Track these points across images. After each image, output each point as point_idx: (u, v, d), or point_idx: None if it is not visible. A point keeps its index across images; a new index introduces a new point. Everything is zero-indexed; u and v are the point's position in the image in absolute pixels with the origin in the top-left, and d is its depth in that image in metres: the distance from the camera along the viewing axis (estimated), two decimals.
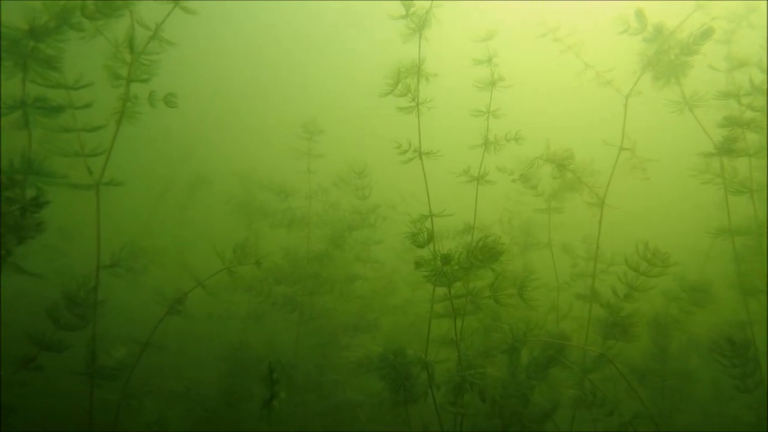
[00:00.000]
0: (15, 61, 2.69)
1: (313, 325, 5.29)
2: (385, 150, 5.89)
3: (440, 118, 3.59)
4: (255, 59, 7.90)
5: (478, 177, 3.55)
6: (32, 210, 2.10)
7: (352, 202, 5.32)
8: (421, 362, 3.31)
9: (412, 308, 5.95)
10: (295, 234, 5.26)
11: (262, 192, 5.47)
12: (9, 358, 2.84)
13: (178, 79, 3.60)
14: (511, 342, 3.18)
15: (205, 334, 5.58)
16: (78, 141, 2.90)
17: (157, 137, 4.68)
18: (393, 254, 6.20)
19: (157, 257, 5.03)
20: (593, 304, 4.52)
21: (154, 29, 3.17)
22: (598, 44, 3.73)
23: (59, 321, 2.85)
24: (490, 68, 3.45)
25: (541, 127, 3.63)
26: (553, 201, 4.72)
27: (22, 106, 2.38)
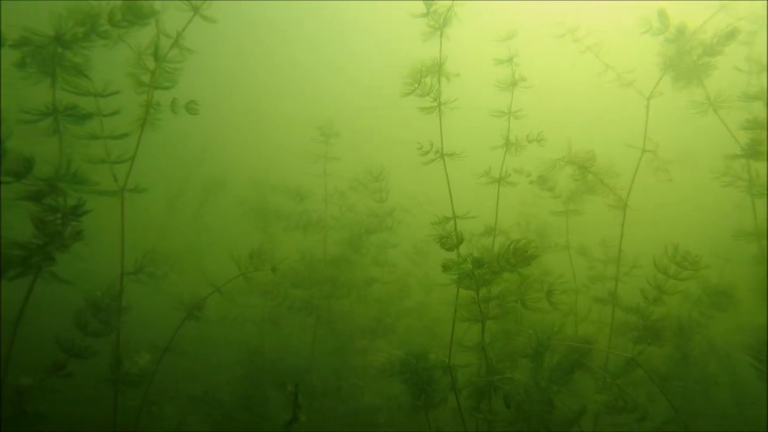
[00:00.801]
0: (39, 68, 2.70)
1: (330, 328, 5.29)
2: (400, 152, 5.89)
3: (459, 119, 3.58)
4: (270, 62, 7.90)
5: (499, 179, 3.53)
6: (73, 218, 2.11)
7: (368, 205, 5.31)
8: (443, 366, 3.30)
9: (428, 312, 5.94)
10: (311, 237, 5.26)
11: (277, 195, 5.47)
12: (37, 364, 2.85)
13: (194, 85, 3.61)
14: (535, 346, 3.16)
15: (221, 337, 5.58)
16: (104, 148, 2.91)
17: (172, 143, 4.69)
18: (406, 257, 6.20)
19: (174, 262, 5.05)
20: (611, 306, 4.50)
21: (175, 37, 3.18)
22: (618, 45, 3.71)
23: (86, 328, 2.86)
24: (511, 68, 3.42)
25: (561, 128, 3.60)
26: (571, 203, 4.69)
27: (53, 113, 2.38)
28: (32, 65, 2.70)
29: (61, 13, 2.69)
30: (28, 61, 2.71)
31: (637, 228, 3.88)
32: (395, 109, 4.62)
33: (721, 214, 4.27)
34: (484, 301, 2.91)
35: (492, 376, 3.04)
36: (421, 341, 5.95)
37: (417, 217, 5.74)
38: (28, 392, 2.40)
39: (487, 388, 3.47)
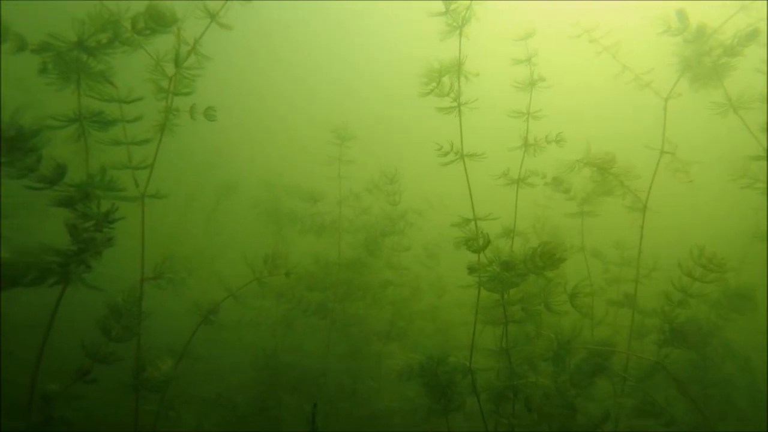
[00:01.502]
0: (61, 73, 2.71)
1: (345, 332, 5.28)
2: (414, 154, 5.88)
3: (475, 119, 3.56)
4: (284, 66, 7.91)
5: (517, 180, 3.52)
6: (105, 225, 2.11)
7: (383, 208, 5.31)
8: (463, 370, 3.28)
9: (441, 315, 5.94)
10: (325, 240, 5.26)
11: (291, 198, 5.48)
12: (60, 370, 2.86)
13: (208, 90, 3.62)
14: (556, 349, 3.14)
15: (235, 340, 5.59)
16: (126, 154, 2.92)
17: (187, 147, 4.70)
18: (419, 260, 6.19)
19: (188, 266, 5.06)
20: (627, 309, 4.47)
21: (192, 44, 3.19)
22: (635, 45, 3.69)
23: (110, 333, 2.86)
24: (529, 68, 3.41)
25: (577, 129, 3.57)
26: (586, 205, 4.68)
27: (78, 119, 2.39)
28: (54, 71, 2.71)
29: (82, 19, 2.71)
30: (50, 67, 2.73)
31: (655, 230, 3.85)
32: (410, 110, 4.62)
33: (739, 216, 4.24)
34: (509, 304, 2.89)
35: (514, 380, 3.02)
36: (435, 344, 5.95)
37: (429, 219, 5.74)
38: (56, 398, 2.40)
39: (506, 392, 3.46)
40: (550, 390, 3.00)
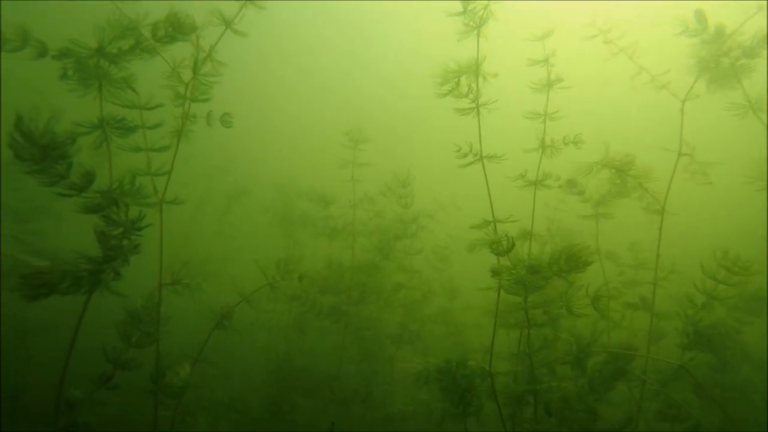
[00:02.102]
0: (80, 79, 2.72)
1: (358, 335, 5.28)
2: (427, 156, 5.86)
3: (492, 120, 3.54)
4: (298, 69, 7.90)
5: (535, 182, 3.51)
6: (134, 232, 2.11)
7: (395, 211, 5.31)
8: (483, 374, 3.27)
9: (452, 318, 5.92)
10: (339, 243, 5.26)
11: (303, 201, 5.48)
12: (81, 376, 2.86)
13: (221, 95, 3.63)
14: (576, 353, 3.12)
15: (248, 343, 5.59)
16: (146, 160, 2.93)
17: (200, 152, 4.71)
18: (430, 263, 6.18)
19: (203, 271, 5.08)
20: (642, 311, 4.44)
21: (208, 51, 3.20)
22: (651, 46, 3.67)
23: (130, 339, 2.86)
24: (546, 69, 3.39)
25: (593, 130, 3.55)
26: (601, 207, 4.66)
27: (101, 125, 2.40)
28: (74, 77, 2.72)
29: (102, 25, 2.71)
30: (70, 73, 2.74)
31: (672, 232, 3.83)
32: (423, 112, 4.60)
33: (756, 218, 4.20)
34: (533, 307, 2.87)
35: (534, 384, 3.00)
36: (447, 347, 5.93)
37: (441, 222, 5.73)
38: (80, 405, 2.40)
39: (525, 396, 3.44)
40: (571, 394, 2.98)
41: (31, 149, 1.71)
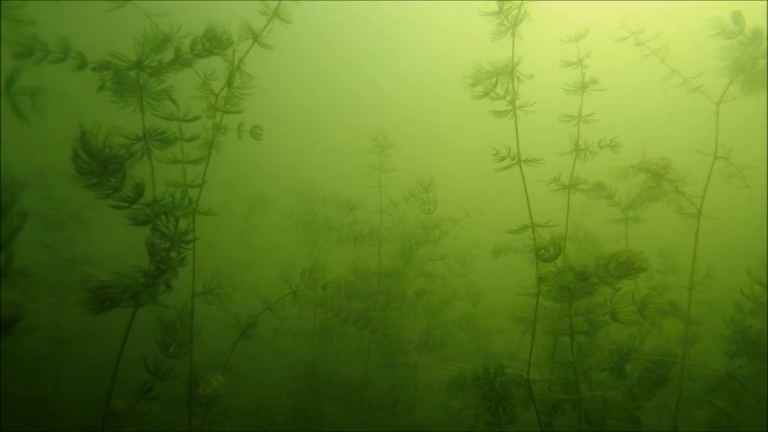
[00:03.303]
0: (118, 91, 2.73)
1: (385, 341, 5.25)
2: (454, 161, 5.83)
3: (523, 123, 3.50)
4: (324, 78, 7.90)
5: (569, 186, 3.47)
6: (182, 244, 2.11)
7: (418, 216, 5.29)
8: (521, 381, 3.23)
9: (478, 323, 5.89)
10: (365, 249, 5.25)
11: (327, 208, 5.48)
12: (120, 386, 2.86)
13: (246, 104, 3.63)
14: (617, 360, 3.07)
15: (274, 350, 5.59)
16: (182, 171, 2.93)
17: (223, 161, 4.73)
18: (453, 268, 6.15)
19: (232, 280, 5.08)
20: (671, 317, 4.37)
21: (236, 63, 3.21)
22: (683, 48, 3.62)
23: (168, 350, 2.85)
24: (580, 70, 3.35)
25: (625, 134, 3.51)
26: (630, 211, 4.61)
27: (144, 138, 2.40)
28: (112, 89, 2.73)
29: (140, 39, 2.72)
30: (108, 85, 2.75)
31: (706, 236, 3.77)
32: (449, 117, 4.57)
33: None
34: (576, 315, 2.83)
35: (579, 393, 2.95)
36: (471, 352, 5.90)
37: (465, 227, 5.69)
38: (123, 416, 2.40)
39: (560, 404, 3.40)
40: (612, 402, 2.93)
41: (91, 164, 1.71)
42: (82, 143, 1.67)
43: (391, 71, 8.53)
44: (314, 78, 8.09)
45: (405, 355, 5.34)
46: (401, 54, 8.51)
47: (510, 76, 3.10)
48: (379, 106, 7.84)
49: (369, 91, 8.31)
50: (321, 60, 8.18)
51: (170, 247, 2.06)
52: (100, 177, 1.77)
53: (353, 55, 8.39)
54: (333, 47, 8.16)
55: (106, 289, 1.77)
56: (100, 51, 2.82)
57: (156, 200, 2.07)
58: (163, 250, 2.04)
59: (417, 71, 8.15)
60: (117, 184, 1.86)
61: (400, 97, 8.08)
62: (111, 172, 1.79)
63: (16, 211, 1.83)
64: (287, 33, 3.54)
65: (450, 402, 4.77)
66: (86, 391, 4.53)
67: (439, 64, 6.50)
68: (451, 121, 5.86)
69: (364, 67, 8.53)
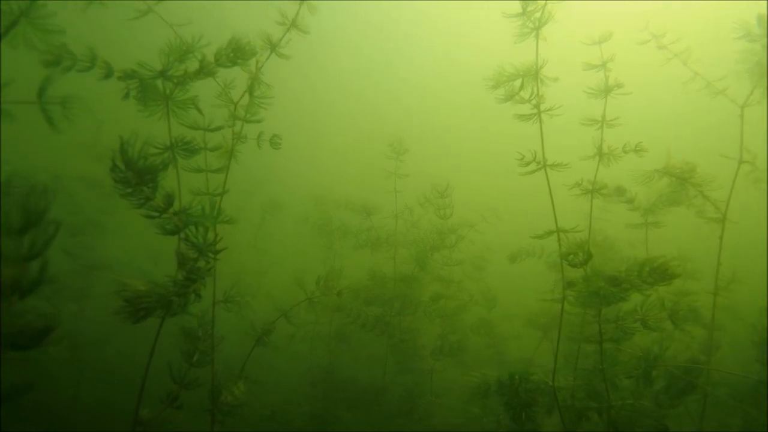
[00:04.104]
0: (142, 100, 2.73)
1: (401, 347, 5.23)
2: (470, 166, 5.79)
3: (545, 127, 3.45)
4: (340, 84, 7.90)
5: (591, 190, 3.44)
6: (210, 254, 2.11)
7: (433, 222, 5.26)
8: (546, 388, 3.19)
9: (494, 329, 5.85)
10: (381, 254, 5.23)
11: (343, 213, 5.47)
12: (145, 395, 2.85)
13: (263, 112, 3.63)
14: (644, 367, 3.03)
15: (290, 355, 5.57)
16: (205, 181, 2.93)
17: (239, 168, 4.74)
18: (469, 273, 6.11)
19: (251, 288, 5.08)
20: (693, 323, 4.31)
21: (254, 72, 3.21)
22: (706, 51, 3.58)
23: (191, 358, 2.85)
24: (603, 74, 3.31)
25: (647, 138, 3.47)
26: (649, 216, 4.56)
27: (171, 147, 2.40)
28: (136, 97, 2.74)
29: (165, 49, 2.73)
30: (133, 94, 2.75)
31: (730, 241, 3.71)
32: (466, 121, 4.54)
33: None
34: (607, 321, 2.79)
35: (608, 401, 2.91)
36: (488, 358, 5.85)
37: (482, 232, 5.66)
38: (150, 424, 2.39)
39: (585, 412, 3.36)
40: (641, 410, 2.89)
41: (127, 173, 1.70)
42: (121, 154, 1.66)
43: (406, 75, 8.52)
44: (328, 83, 8.09)
45: (421, 360, 5.31)
46: (416, 58, 8.49)
47: (534, 78, 3.07)
48: (393, 111, 7.82)
49: (383, 96, 8.30)
50: (334, 65, 8.18)
51: (199, 256, 2.05)
52: (134, 187, 1.76)
53: (368, 61, 8.39)
54: (346, 53, 8.17)
55: (142, 299, 1.76)
56: (121, 60, 2.83)
57: (184, 210, 2.06)
58: (192, 259, 2.04)
59: (433, 75, 8.13)
60: (150, 193, 1.85)
61: (415, 101, 8.06)
62: (145, 182, 1.78)
63: (49, 219, 1.83)
64: (301, 40, 3.54)
65: (468, 408, 4.74)
66: (105, 398, 4.54)
67: (455, 68, 6.48)
68: (466, 125, 5.84)
69: (378, 73, 8.52)
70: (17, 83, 2.11)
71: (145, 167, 1.75)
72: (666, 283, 2.50)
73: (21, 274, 1.77)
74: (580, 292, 2.70)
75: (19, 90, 2.21)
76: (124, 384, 4.28)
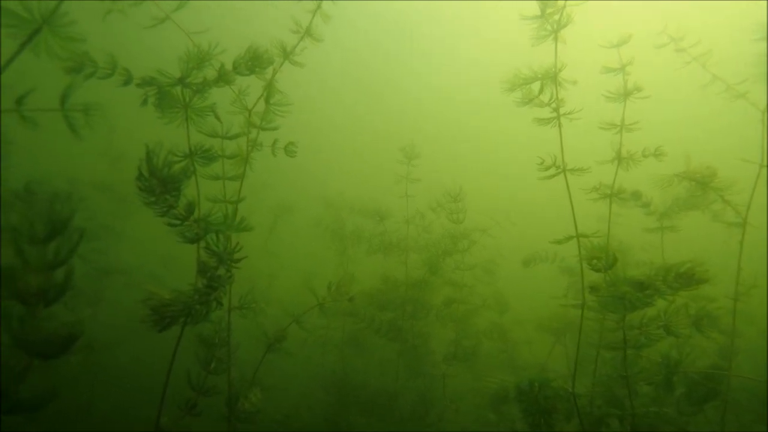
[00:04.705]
0: (161, 107, 2.72)
1: (414, 352, 5.20)
2: (484, 171, 5.76)
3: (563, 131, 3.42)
4: (354, 88, 7.87)
5: (611, 194, 3.40)
6: (231, 262, 2.09)
7: (445, 226, 5.23)
8: (566, 395, 3.15)
9: (508, 334, 5.81)
10: (393, 259, 5.21)
11: (355, 217, 5.45)
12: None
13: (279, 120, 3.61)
14: (665, 373, 2.99)
15: (302, 360, 5.55)
16: (222, 188, 2.92)
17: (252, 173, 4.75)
18: (476, 279, 6.08)
19: (265, 294, 5.06)
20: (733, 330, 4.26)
21: (269, 79, 3.20)
22: (726, 54, 3.54)
23: (209, 366, 2.83)
24: (622, 77, 3.28)
25: (666, 142, 3.43)
26: (665, 220, 4.52)
27: (190, 155, 2.39)
28: (154, 104, 2.74)
29: (183, 56, 2.72)
30: (151, 101, 2.75)
31: (750, 246, 3.66)
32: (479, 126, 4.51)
33: None
34: (631, 328, 2.75)
35: (632, 408, 2.87)
36: (500, 363, 5.81)
37: (495, 236, 5.63)
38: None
39: (604, 418, 3.32)
40: (666, 417, 2.85)
41: (152, 182, 1.69)
42: (147, 163, 1.65)
43: (418, 80, 8.49)
44: (340, 87, 8.07)
45: (434, 366, 5.28)
46: (428, 62, 8.47)
47: (552, 81, 3.04)
48: (405, 115, 7.79)
49: (395, 101, 8.27)
50: (346, 70, 8.17)
51: (219, 264, 2.03)
52: (158, 195, 1.75)
53: (380, 65, 8.36)
54: (359, 56, 8.15)
55: (167, 307, 1.75)
56: (136, 67, 2.83)
57: (204, 217, 2.05)
58: (213, 267, 2.02)
59: (444, 80, 8.10)
60: (173, 202, 1.84)
61: (427, 106, 8.03)
62: (169, 191, 1.77)
63: (74, 226, 1.82)
64: (313, 45, 3.52)
65: (483, 413, 4.70)
66: (119, 403, 4.53)
67: (467, 72, 6.45)
68: (478, 130, 5.80)
69: (390, 78, 8.49)
70: (38, 91, 2.11)
71: (170, 176, 1.74)
72: (693, 288, 2.46)
73: (47, 283, 1.76)
74: (603, 297, 2.66)
75: (37, 97, 2.21)
76: (138, 389, 4.28)
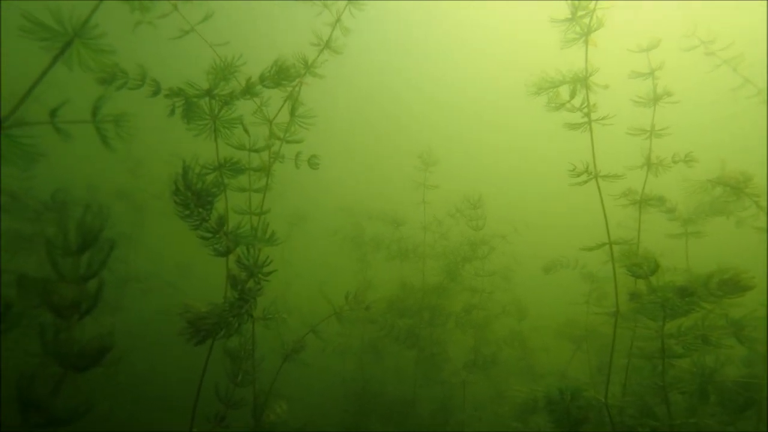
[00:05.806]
0: (188, 117, 2.71)
1: (432, 360, 5.14)
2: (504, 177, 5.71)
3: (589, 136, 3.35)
4: (369, 96, 7.85)
5: (640, 201, 3.34)
6: (261, 275, 2.06)
7: (464, 233, 5.19)
8: (599, 405, 3.08)
9: (527, 341, 5.75)
10: (410, 266, 5.17)
11: (374, 224, 5.42)
12: None
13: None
14: (699, 382, 2.92)
15: (321, 368, 5.51)
16: (247, 200, 2.89)
17: None
18: (493, 284, 6.01)
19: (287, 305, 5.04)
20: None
21: (292, 92, 3.18)
22: (756, 56, 3.47)
23: (236, 378, 2.80)
24: (651, 81, 3.22)
25: (692, 146, 3.37)
26: (690, 226, 4.44)
27: (219, 167, 2.36)
28: (181, 115, 2.72)
29: (211, 69, 2.71)
30: (177, 111, 2.73)
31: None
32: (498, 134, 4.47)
33: None
34: (669, 336, 2.68)
35: (671, 419, 2.80)
36: (519, 370, 5.74)
37: (513, 243, 5.57)
38: None
39: (639, 429, 3.25)
40: (706, 427, 2.77)
41: (187, 195, 1.67)
42: (183, 177, 1.62)
43: (437, 86, 8.45)
44: (358, 94, 8.05)
45: (454, 373, 5.22)
46: (447, 68, 8.43)
47: (582, 86, 2.99)
48: (424, 121, 7.75)
49: (414, 108, 8.23)
50: (365, 75, 8.14)
51: (249, 277, 2.00)
52: (192, 209, 1.72)
53: (399, 68, 8.33)
54: (377, 64, 8.14)
55: (203, 320, 1.72)
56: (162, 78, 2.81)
57: (234, 230, 2.02)
58: (243, 280, 1.99)
59: (464, 85, 8.06)
60: (206, 215, 1.81)
61: (445, 113, 7.98)
62: (203, 204, 1.75)
63: (105, 237, 1.79)
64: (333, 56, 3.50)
65: (504, 422, 4.63)
66: (137, 414, 4.51)
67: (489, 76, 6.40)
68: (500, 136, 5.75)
69: (409, 84, 8.46)
70: (72, 102, 2.09)
71: (204, 189, 1.71)
72: (738, 295, 2.40)
73: (80, 295, 1.74)
74: (643, 304, 2.59)
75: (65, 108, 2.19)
76: (156, 398, 4.25)
